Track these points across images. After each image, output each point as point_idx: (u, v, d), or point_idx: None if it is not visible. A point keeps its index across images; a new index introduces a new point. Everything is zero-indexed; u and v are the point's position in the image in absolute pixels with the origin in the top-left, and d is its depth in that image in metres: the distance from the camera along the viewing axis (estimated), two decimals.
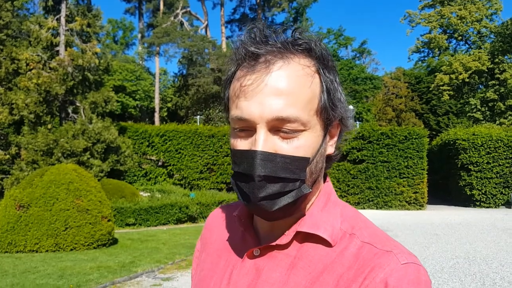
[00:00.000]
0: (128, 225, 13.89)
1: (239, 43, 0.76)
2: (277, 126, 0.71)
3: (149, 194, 18.85)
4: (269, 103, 0.70)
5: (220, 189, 23.54)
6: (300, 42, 0.74)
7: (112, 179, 17.14)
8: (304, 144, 0.72)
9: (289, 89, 0.70)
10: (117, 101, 25.37)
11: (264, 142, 0.70)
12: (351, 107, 0.79)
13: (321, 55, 0.75)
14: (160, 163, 26.16)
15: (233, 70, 0.78)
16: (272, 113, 0.70)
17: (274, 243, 0.77)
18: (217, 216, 0.97)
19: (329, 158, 0.81)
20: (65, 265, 7.96)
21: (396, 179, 23.20)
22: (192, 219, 15.55)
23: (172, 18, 42.64)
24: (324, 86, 0.75)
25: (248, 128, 0.73)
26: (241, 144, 0.74)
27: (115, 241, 10.68)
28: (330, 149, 0.80)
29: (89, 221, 9.52)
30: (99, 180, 13.94)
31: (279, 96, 0.70)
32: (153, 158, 26.04)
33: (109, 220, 10.09)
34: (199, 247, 0.98)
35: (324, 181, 0.84)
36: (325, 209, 0.79)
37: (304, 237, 0.77)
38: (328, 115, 0.75)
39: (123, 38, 59.65)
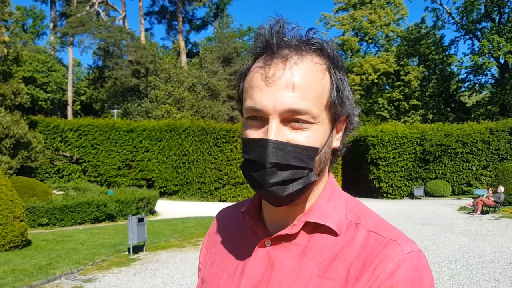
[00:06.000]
0: (41, 225, 13.10)
1: (258, 37, 0.80)
2: (288, 118, 0.75)
3: (63, 192, 17.88)
4: (282, 95, 0.74)
5: (140, 186, 22.95)
6: (313, 42, 0.79)
7: (22, 176, 16.02)
8: (313, 135, 0.77)
9: (301, 84, 0.75)
10: (27, 94, 23.68)
11: (276, 132, 0.74)
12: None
13: (332, 55, 0.81)
14: (74, 160, 24.91)
15: (249, 64, 0.82)
16: (285, 105, 0.74)
17: (284, 233, 0.81)
18: (225, 213, 1.03)
19: (334, 152, 0.85)
20: None
21: None
22: (111, 217, 15.02)
23: (87, 8, 40.57)
24: (334, 84, 0.80)
25: (260, 118, 0.77)
26: (253, 133, 0.78)
27: (28, 243, 10.06)
28: (336, 143, 0.84)
29: (0, 222, 8.91)
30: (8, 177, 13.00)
31: (292, 90, 0.74)
32: (67, 154, 24.72)
33: (21, 221, 9.50)
34: (206, 243, 1.02)
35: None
36: (331, 200, 0.84)
37: (312, 228, 0.81)
38: (336, 110, 0.80)
39: (33, 27, 55.54)
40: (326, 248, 0.79)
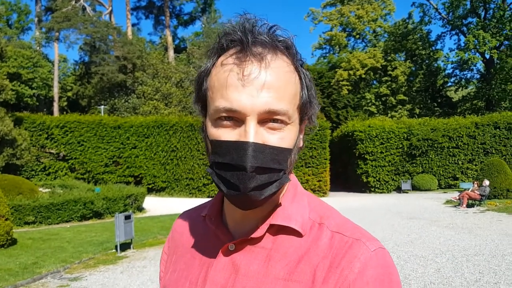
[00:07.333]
0: (27, 223, 12.96)
1: (227, 33, 0.76)
2: (265, 119, 0.73)
3: (49, 189, 17.69)
4: (260, 95, 0.71)
5: (128, 183, 22.81)
6: (280, 39, 0.77)
7: (7, 174, 15.84)
8: (287, 136, 0.75)
9: (278, 84, 0.73)
10: (12, 90, 23.34)
11: (255, 134, 0.71)
12: None
13: (296, 53, 0.79)
14: (60, 157, 24.66)
15: (213, 60, 0.78)
16: (264, 106, 0.71)
17: (248, 237, 0.79)
18: (185, 219, 0.99)
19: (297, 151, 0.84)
20: None
21: (302, 169, 24.34)
22: (98, 215, 14.92)
23: (73, 3, 40.02)
24: (304, 83, 0.79)
25: (234, 119, 0.73)
26: (227, 135, 0.73)
27: (14, 241, 9.94)
28: (301, 143, 0.83)
29: None
30: None
31: (269, 90, 0.72)
32: (53, 151, 24.47)
33: (6, 219, 9.38)
34: (167, 250, 0.99)
35: None
36: (294, 201, 0.83)
37: (277, 230, 0.79)
38: (306, 110, 0.80)
39: (17, 22, 54.65)
40: (291, 250, 0.78)
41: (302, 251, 0.77)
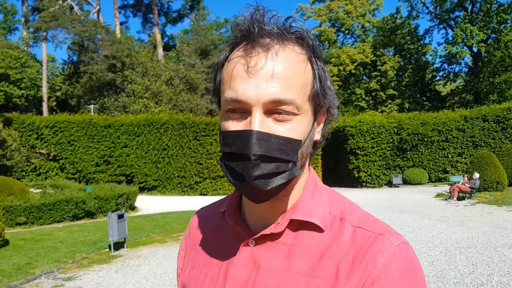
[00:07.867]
0: (19, 224, 12.87)
1: (237, 26, 0.77)
2: (272, 109, 0.72)
3: (40, 190, 17.55)
4: (265, 86, 0.71)
5: (119, 182, 22.70)
6: (293, 31, 0.77)
7: None
8: (297, 128, 0.74)
9: (285, 74, 0.72)
10: (0, 91, 23.11)
11: (260, 123, 0.71)
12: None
13: (312, 44, 0.79)
14: (51, 157, 24.47)
15: (226, 53, 0.78)
16: (268, 96, 0.71)
17: (269, 232, 0.78)
18: (203, 215, 0.98)
19: (314, 145, 0.82)
20: None
21: None
22: (90, 214, 14.85)
23: (60, 2, 39.59)
24: (316, 74, 0.78)
25: (242, 110, 0.73)
26: (234, 126, 0.74)
27: (6, 242, 9.86)
28: (317, 136, 0.82)
29: None
30: None
31: (275, 80, 0.71)
32: (43, 151, 24.26)
33: None
34: (184, 247, 0.98)
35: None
36: (314, 195, 0.82)
37: (297, 225, 0.79)
38: (319, 101, 0.78)
39: (4, 22, 53.95)
40: (313, 245, 0.77)
41: (324, 246, 0.76)
